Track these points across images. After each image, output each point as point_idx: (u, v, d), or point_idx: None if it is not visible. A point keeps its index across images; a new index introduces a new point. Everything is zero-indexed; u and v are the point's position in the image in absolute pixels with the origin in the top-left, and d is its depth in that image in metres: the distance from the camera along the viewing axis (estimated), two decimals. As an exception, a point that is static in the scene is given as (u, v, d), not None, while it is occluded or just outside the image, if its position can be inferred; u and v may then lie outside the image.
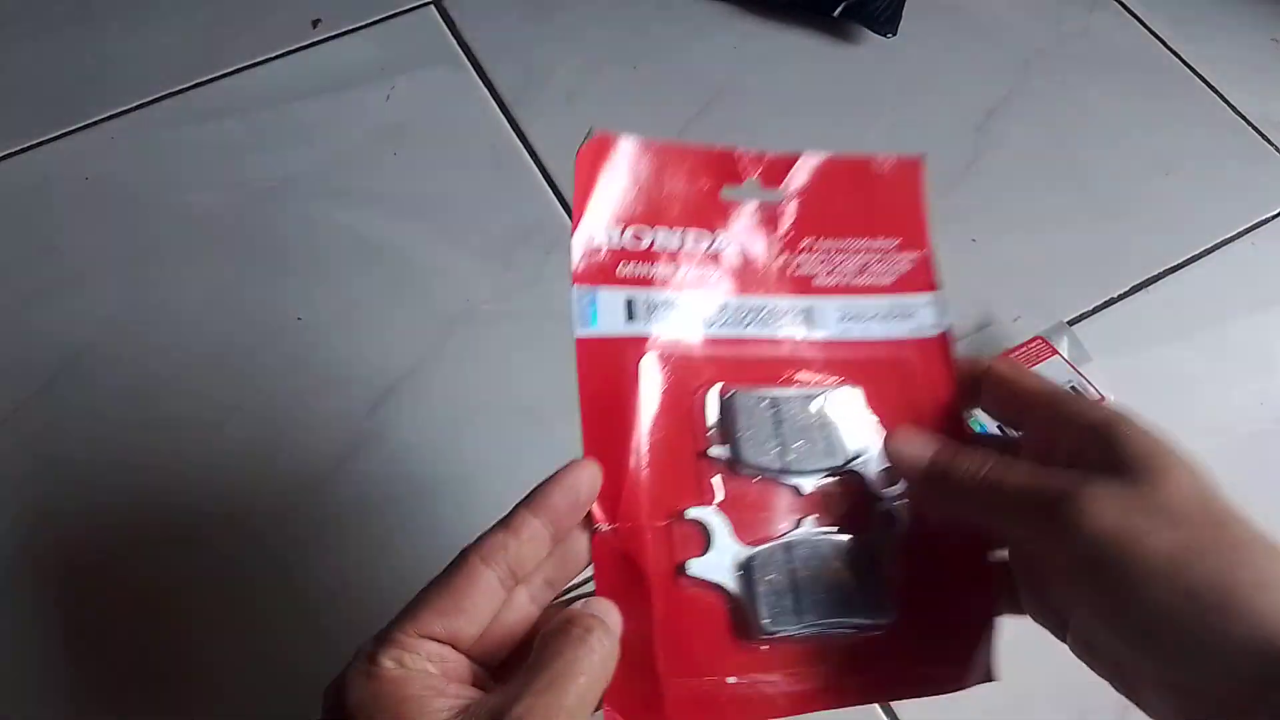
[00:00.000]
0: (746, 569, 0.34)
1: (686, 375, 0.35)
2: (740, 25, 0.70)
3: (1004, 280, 0.59)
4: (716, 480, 0.34)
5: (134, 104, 0.65)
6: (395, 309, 0.57)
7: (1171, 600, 0.27)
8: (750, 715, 0.32)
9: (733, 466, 0.35)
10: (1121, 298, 0.59)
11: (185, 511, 0.51)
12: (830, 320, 0.37)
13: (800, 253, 0.38)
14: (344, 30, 0.69)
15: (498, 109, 0.66)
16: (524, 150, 0.64)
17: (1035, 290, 0.59)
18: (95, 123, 0.64)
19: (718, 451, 0.35)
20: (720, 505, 0.34)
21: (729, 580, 0.33)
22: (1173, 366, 0.57)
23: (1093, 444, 0.31)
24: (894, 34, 0.69)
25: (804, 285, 0.37)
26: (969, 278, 0.60)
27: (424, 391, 0.55)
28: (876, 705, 0.46)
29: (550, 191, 0.62)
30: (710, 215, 0.37)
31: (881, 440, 0.35)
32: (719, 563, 0.33)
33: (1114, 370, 0.56)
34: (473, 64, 0.68)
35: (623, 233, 0.36)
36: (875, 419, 0.36)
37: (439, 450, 0.53)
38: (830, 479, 0.35)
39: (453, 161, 0.63)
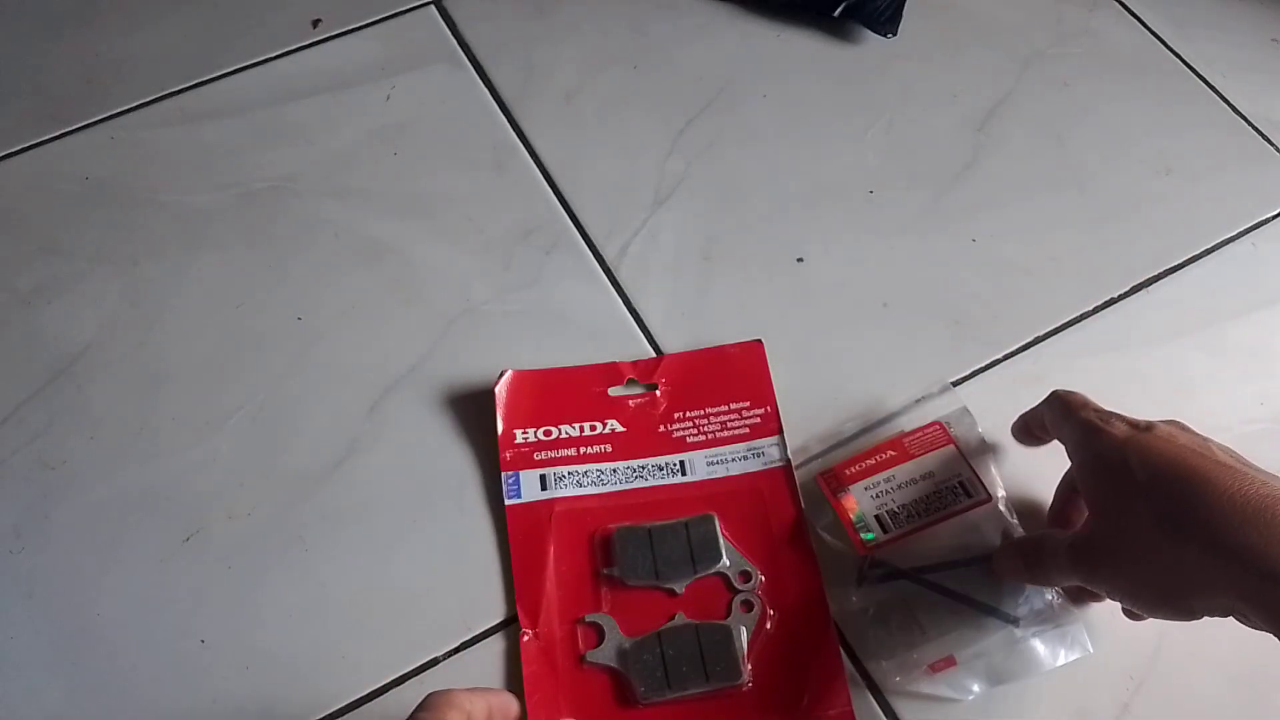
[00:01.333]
0: (628, 654, 0.46)
1: (586, 521, 0.49)
2: (740, 25, 0.70)
3: (1003, 280, 0.60)
4: (607, 593, 0.48)
5: (134, 104, 0.65)
6: (395, 309, 0.57)
7: (1150, 599, 0.40)
8: None
9: (620, 581, 0.48)
10: (1121, 298, 0.59)
11: (185, 511, 0.51)
12: (700, 468, 0.51)
13: (675, 423, 0.52)
14: (344, 30, 0.69)
15: (498, 109, 0.66)
16: (524, 150, 0.64)
17: (1036, 290, 0.59)
18: (95, 123, 0.64)
19: (609, 572, 0.48)
20: (610, 610, 0.47)
21: (615, 663, 0.46)
22: (1173, 366, 0.57)
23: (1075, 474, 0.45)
24: (894, 34, 0.69)
25: (679, 445, 0.52)
26: (969, 278, 0.60)
27: (423, 391, 0.55)
28: (876, 705, 0.46)
29: (550, 191, 0.62)
30: (602, 409, 0.52)
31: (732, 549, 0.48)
32: (609, 652, 0.46)
33: (1114, 370, 0.56)
34: (473, 64, 0.68)
35: (537, 431, 0.51)
36: (729, 537, 0.49)
37: (438, 449, 0.53)
38: (698, 580, 0.48)
39: (453, 161, 0.63)
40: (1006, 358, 0.57)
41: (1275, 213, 0.63)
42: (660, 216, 0.62)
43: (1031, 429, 0.48)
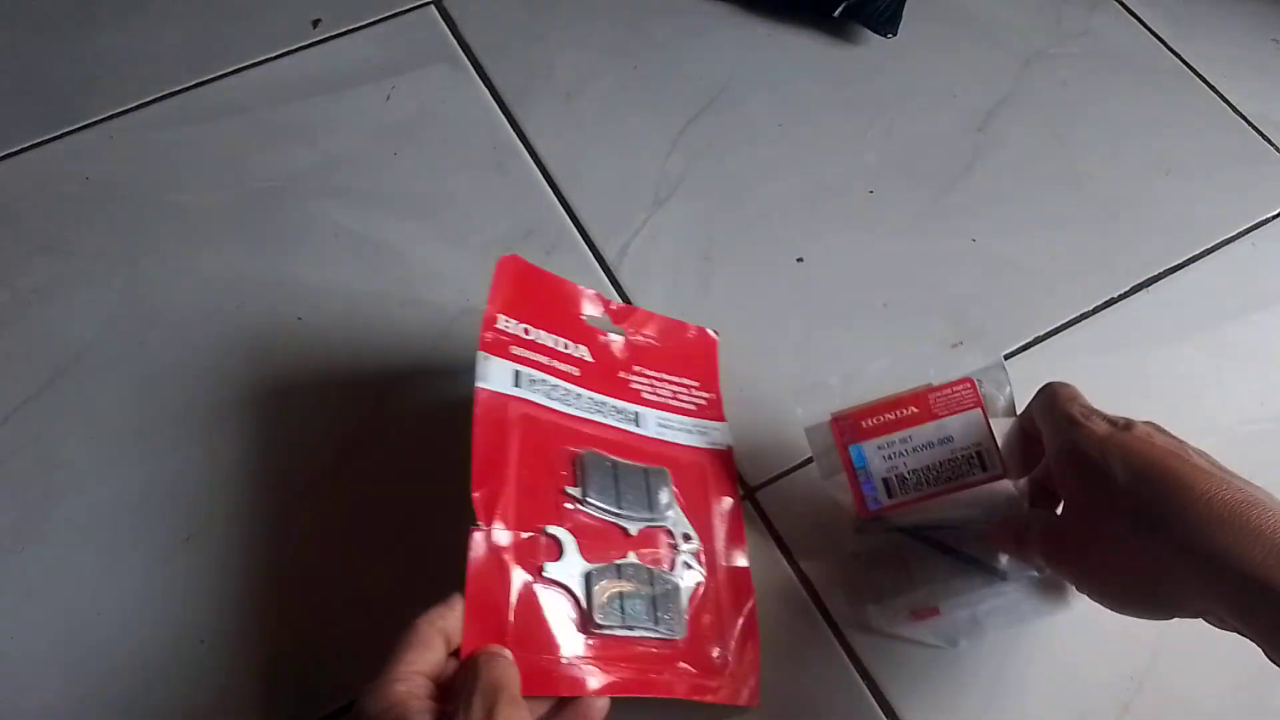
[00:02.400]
0: (588, 578, 0.44)
1: (551, 433, 0.47)
2: (740, 25, 0.70)
3: (1003, 280, 0.60)
4: (569, 511, 0.46)
5: (134, 104, 0.65)
6: (395, 309, 0.57)
7: (1123, 590, 0.40)
8: (573, 690, 0.41)
9: (582, 504, 0.46)
10: (1121, 298, 0.59)
11: (185, 512, 0.51)
12: (651, 425, 0.51)
13: (634, 374, 0.52)
14: (344, 30, 0.69)
15: (498, 109, 0.66)
16: (524, 150, 0.64)
17: (1036, 290, 0.59)
18: (95, 123, 0.64)
19: (573, 491, 0.46)
20: (571, 530, 0.45)
21: (575, 583, 0.44)
22: (1173, 366, 0.57)
23: (1052, 465, 0.43)
24: (894, 34, 0.69)
25: (635, 397, 0.52)
26: (969, 278, 0.60)
27: (424, 391, 0.55)
28: (875, 704, 0.46)
29: (550, 191, 0.62)
30: (577, 332, 0.52)
31: (681, 507, 0.49)
32: (568, 570, 0.44)
33: (1114, 370, 0.56)
34: (473, 64, 0.68)
35: (518, 325, 0.49)
36: (678, 495, 0.49)
37: (439, 449, 0.53)
38: (649, 527, 0.47)
39: (453, 161, 0.63)
40: (1007, 358, 0.57)
41: (1275, 213, 0.63)
42: (660, 216, 0.62)
43: (1026, 431, 0.48)
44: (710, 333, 0.56)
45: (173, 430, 0.53)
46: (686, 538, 0.48)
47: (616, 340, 0.53)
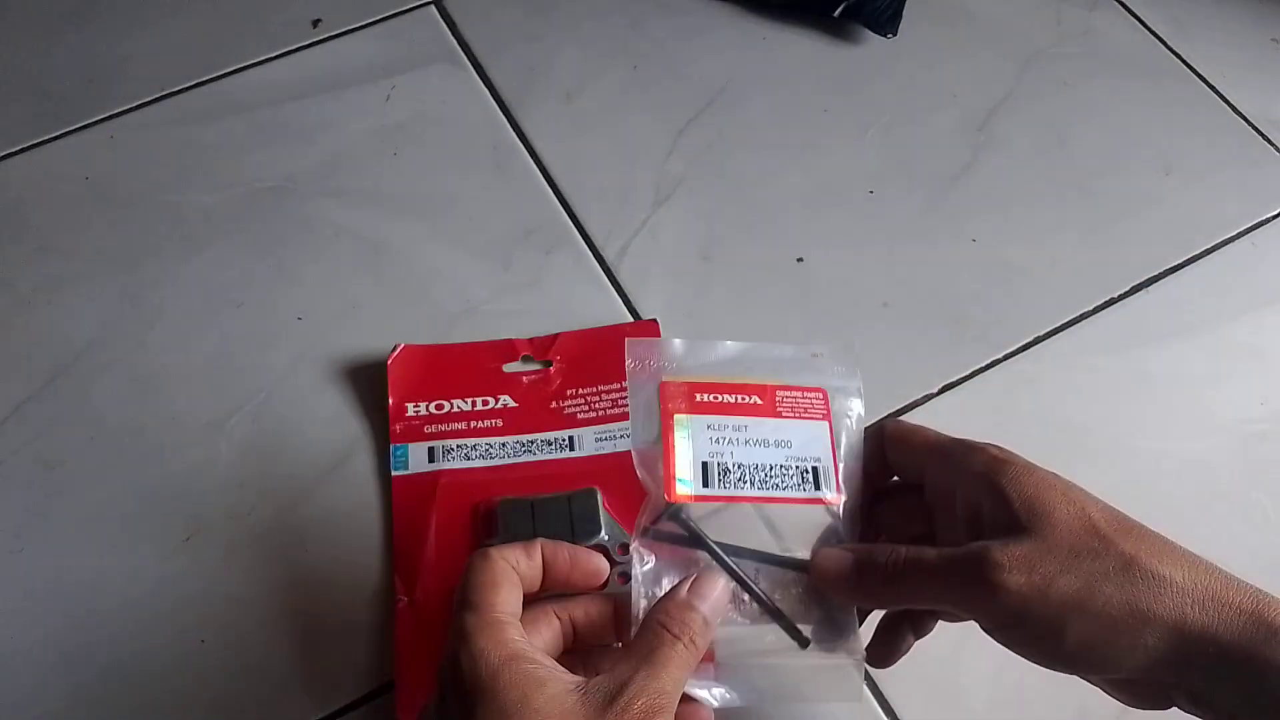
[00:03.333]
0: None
1: (471, 492, 0.50)
2: (740, 25, 0.70)
3: (1003, 280, 0.60)
4: None
5: (134, 104, 0.65)
6: (395, 309, 0.57)
7: (1087, 630, 0.33)
8: None
9: None
10: (1121, 298, 0.59)
11: (185, 511, 0.51)
12: (589, 444, 0.52)
13: (567, 399, 0.53)
14: (344, 30, 0.69)
15: (498, 109, 0.66)
16: (524, 150, 0.64)
17: (1035, 290, 0.59)
18: (95, 123, 0.64)
19: (489, 542, 0.46)
20: None
21: None
22: (1173, 366, 0.57)
23: (983, 494, 0.36)
24: (894, 34, 0.69)
25: (570, 421, 0.53)
26: (969, 278, 0.60)
27: (424, 391, 0.55)
28: (876, 704, 0.46)
29: (550, 191, 0.62)
30: (495, 385, 0.53)
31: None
32: None
33: (1114, 370, 0.56)
34: (473, 64, 0.68)
35: (429, 405, 0.52)
36: (611, 510, 0.48)
37: (439, 450, 0.53)
38: None
39: (453, 161, 0.63)
40: (1006, 358, 0.57)
41: (1275, 213, 0.63)
42: (660, 216, 0.62)
43: (871, 475, 0.41)
44: (650, 321, 0.56)
45: (173, 430, 0.53)
46: (625, 549, 0.47)
47: (545, 373, 0.54)
